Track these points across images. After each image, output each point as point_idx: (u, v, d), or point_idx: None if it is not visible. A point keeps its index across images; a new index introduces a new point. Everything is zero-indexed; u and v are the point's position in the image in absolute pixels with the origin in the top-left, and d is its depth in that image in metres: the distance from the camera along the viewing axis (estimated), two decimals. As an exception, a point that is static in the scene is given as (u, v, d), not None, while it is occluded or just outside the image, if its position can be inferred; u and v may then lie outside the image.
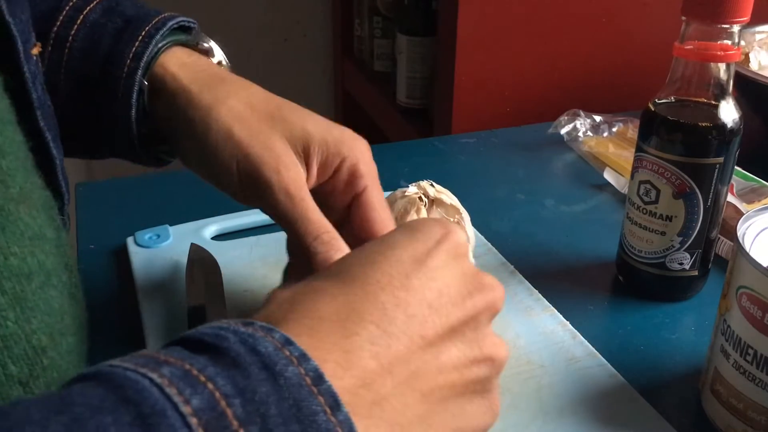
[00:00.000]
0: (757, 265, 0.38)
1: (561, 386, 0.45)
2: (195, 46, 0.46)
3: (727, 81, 0.49)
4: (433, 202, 0.53)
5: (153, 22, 0.42)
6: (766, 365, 0.39)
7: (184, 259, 0.54)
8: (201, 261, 0.53)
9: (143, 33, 0.41)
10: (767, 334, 0.38)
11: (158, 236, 0.59)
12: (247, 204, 0.40)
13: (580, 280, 0.58)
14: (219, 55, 0.47)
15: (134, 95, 0.41)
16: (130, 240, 0.59)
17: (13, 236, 0.28)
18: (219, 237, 0.62)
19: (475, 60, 0.96)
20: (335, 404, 0.23)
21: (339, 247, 0.37)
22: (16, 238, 0.28)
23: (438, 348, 0.28)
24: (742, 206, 0.64)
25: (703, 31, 0.48)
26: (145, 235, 0.59)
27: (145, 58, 0.41)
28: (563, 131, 0.84)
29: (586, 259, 0.61)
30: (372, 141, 0.43)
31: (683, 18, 0.48)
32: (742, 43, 0.83)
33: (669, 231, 0.52)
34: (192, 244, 0.55)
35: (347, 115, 1.58)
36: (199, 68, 0.43)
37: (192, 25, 0.45)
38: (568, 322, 0.51)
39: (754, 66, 0.84)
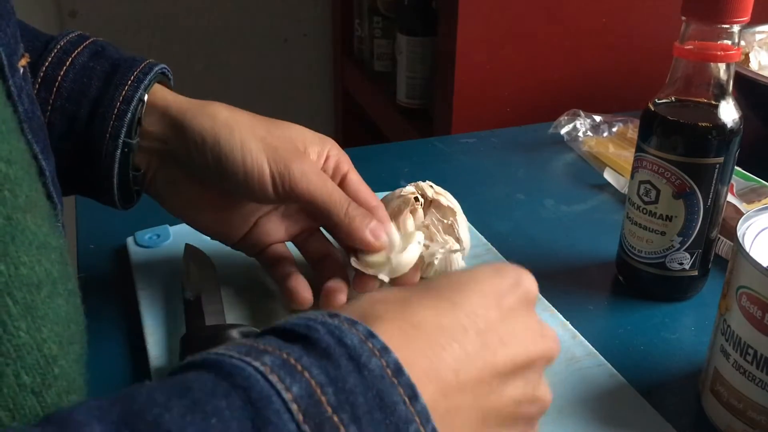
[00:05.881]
0: (757, 265, 0.38)
1: (561, 386, 0.45)
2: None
3: (727, 81, 0.49)
4: (431, 203, 0.53)
5: (140, 68, 0.46)
6: (766, 365, 0.39)
7: (185, 260, 0.54)
8: (196, 259, 0.53)
9: (132, 77, 0.46)
10: (767, 334, 0.38)
11: (158, 236, 0.59)
12: (276, 197, 0.46)
13: (580, 280, 0.58)
14: None
15: (122, 136, 0.45)
16: (130, 240, 0.59)
17: (22, 245, 0.28)
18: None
19: (475, 60, 0.96)
20: (413, 395, 0.26)
21: (369, 215, 0.47)
22: (25, 248, 0.28)
23: (504, 380, 0.31)
24: (742, 206, 0.64)
25: (703, 31, 0.48)
26: (145, 235, 0.59)
27: (134, 102, 0.45)
28: (563, 131, 0.84)
29: (586, 259, 0.61)
30: (372, 141, 0.44)
31: (683, 18, 0.48)
32: (742, 43, 0.83)
33: (669, 231, 0.52)
34: (186, 244, 0.55)
35: (347, 115, 1.58)
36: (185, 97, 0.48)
37: (168, 72, 0.50)
38: (568, 322, 0.51)
39: (754, 66, 0.84)
